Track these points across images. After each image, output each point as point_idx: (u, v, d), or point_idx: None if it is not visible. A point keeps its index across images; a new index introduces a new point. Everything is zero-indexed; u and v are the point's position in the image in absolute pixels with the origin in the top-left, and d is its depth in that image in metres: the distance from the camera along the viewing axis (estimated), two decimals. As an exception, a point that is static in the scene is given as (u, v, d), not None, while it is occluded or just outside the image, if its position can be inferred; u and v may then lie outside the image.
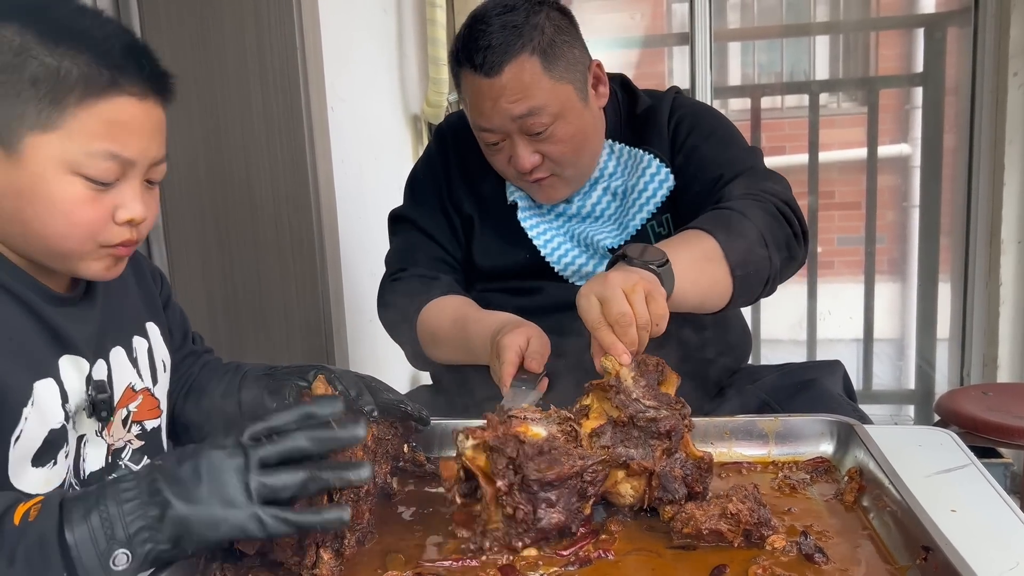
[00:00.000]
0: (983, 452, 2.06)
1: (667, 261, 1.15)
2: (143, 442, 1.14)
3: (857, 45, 4.80)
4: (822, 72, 4.92)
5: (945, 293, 3.25)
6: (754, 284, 1.31)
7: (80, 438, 1.04)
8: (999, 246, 2.91)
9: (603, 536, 0.98)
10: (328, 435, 0.84)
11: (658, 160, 1.52)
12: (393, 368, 2.23)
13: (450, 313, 1.50)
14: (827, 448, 1.17)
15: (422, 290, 1.54)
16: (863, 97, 4.26)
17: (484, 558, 0.93)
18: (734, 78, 4.98)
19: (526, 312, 1.45)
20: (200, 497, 0.80)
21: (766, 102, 3.91)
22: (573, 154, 1.47)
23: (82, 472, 1.05)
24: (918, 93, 3.72)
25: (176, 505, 0.79)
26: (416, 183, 1.67)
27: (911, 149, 4.60)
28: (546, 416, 1.01)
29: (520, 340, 1.27)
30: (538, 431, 0.98)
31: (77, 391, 1.03)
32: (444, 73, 2.95)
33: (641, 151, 1.54)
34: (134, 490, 0.80)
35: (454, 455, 1.00)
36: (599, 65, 1.50)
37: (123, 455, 1.11)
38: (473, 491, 0.99)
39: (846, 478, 1.08)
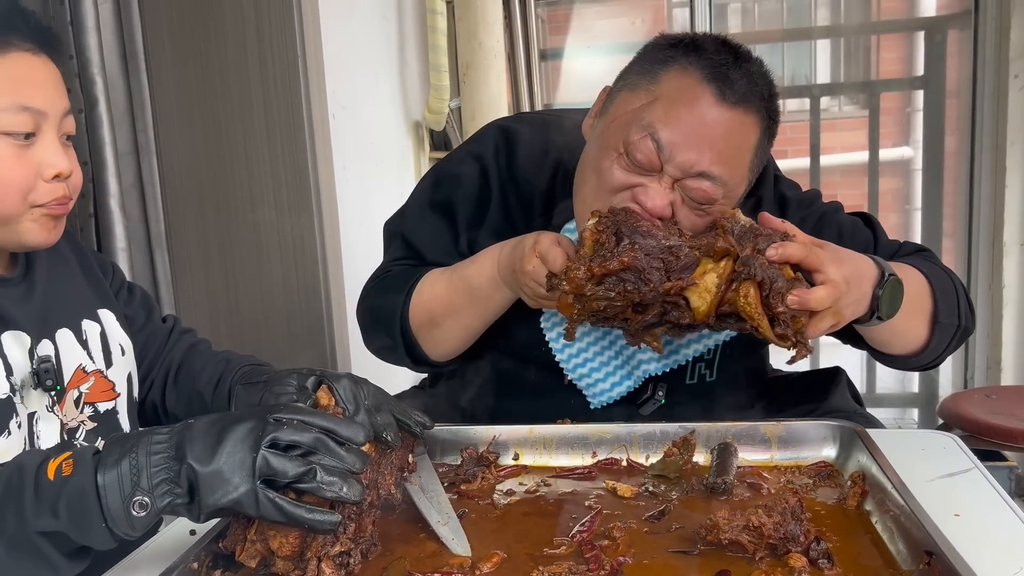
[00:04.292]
0: (987, 455, 2.05)
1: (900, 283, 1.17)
2: (96, 423, 1.17)
3: (858, 49, 4.81)
4: (823, 76, 4.93)
5: (948, 296, 3.24)
6: (944, 338, 1.31)
7: (32, 414, 1.07)
8: (1001, 248, 2.91)
9: (606, 542, 0.98)
10: (340, 452, 0.87)
11: None
12: (396, 375, 2.22)
13: (443, 277, 1.35)
14: (830, 452, 1.17)
15: (409, 275, 1.40)
16: (864, 100, 4.26)
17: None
18: (735, 82, 4.98)
19: (518, 386, 1.39)
20: (212, 460, 0.83)
21: (767, 106, 3.90)
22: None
23: (38, 448, 1.07)
24: (919, 96, 3.72)
25: (191, 462, 0.83)
26: (436, 201, 1.44)
27: (913, 152, 4.60)
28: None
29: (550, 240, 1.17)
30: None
31: (21, 365, 1.06)
32: (445, 80, 2.95)
33: None
34: (165, 443, 0.85)
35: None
36: None
37: (77, 435, 1.14)
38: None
39: (849, 482, 1.07)
